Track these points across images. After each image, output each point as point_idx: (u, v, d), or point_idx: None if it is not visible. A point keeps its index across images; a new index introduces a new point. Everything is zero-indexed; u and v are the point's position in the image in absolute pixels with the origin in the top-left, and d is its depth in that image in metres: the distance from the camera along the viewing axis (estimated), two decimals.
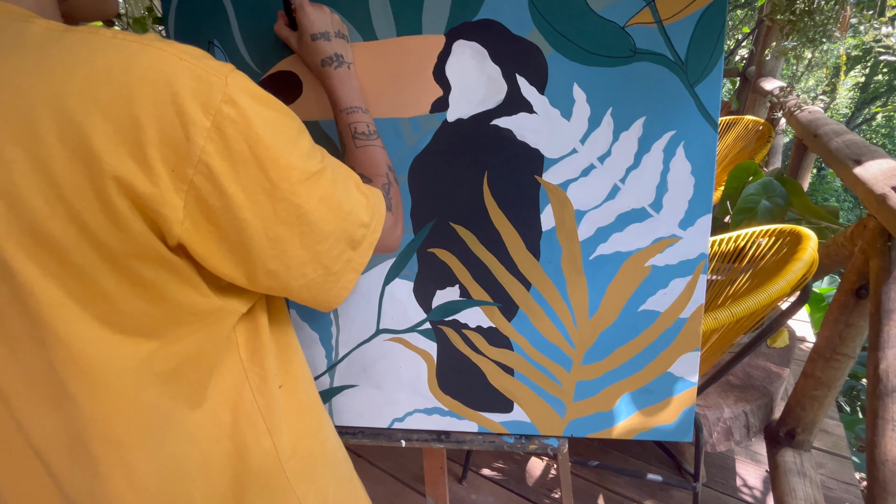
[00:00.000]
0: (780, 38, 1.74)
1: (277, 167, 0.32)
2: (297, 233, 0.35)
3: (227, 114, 0.29)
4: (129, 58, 0.27)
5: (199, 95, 0.28)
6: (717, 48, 0.56)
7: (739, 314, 0.70)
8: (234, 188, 0.30)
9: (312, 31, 0.55)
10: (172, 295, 0.32)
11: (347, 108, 0.56)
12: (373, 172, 0.52)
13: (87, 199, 0.27)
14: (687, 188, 0.61)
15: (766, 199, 1.18)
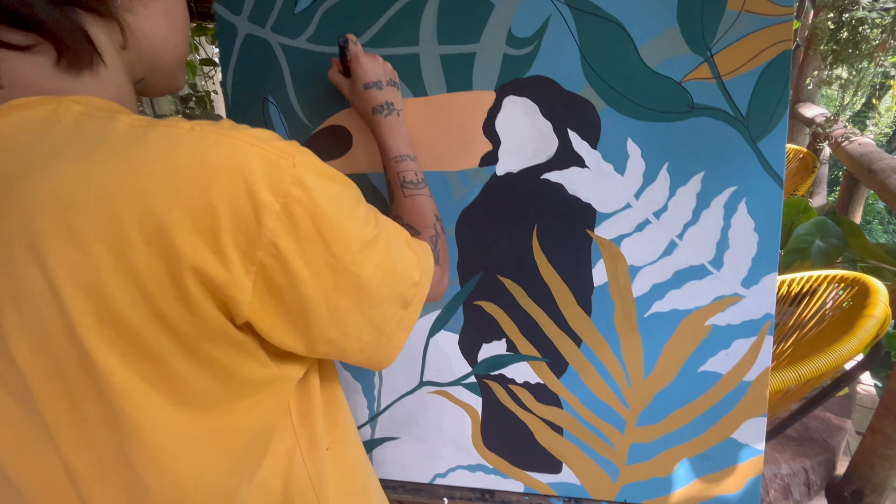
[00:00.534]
0: (822, 66, 1.69)
1: (339, 240, 0.32)
2: (355, 300, 0.34)
3: (295, 195, 0.29)
4: (206, 150, 0.28)
5: (270, 180, 0.28)
6: (782, 103, 0.54)
7: (807, 376, 0.65)
8: (300, 265, 0.31)
9: (365, 81, 0.57)
10: (237, 370, 0.32)
11: (396, 156, 0.56)
12: (420, 224, 0.52)
13: (165, 288, 0.27)
14: (750, 245, 0.58)
15: (820, 240, 1.12)
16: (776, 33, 0.53)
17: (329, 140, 0.68)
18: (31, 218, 0.26)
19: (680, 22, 0.55)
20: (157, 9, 0.37)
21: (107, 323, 0.27)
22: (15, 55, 0.31)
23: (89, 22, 0.33)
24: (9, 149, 0.28)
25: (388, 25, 0.63)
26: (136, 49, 0.36)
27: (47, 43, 0.31)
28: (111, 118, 0.29)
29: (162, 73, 0.40)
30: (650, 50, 0.56)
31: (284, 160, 0.29)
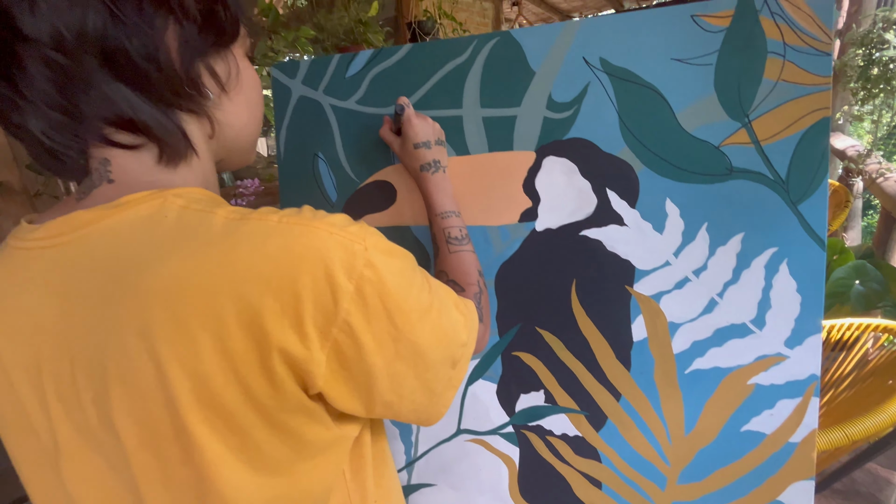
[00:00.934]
0: (853, 102, 1.68)
1: (402, 313, 0.34)
2: (412, 366, 0.36)
3: (367, 276, 0.32)
4: (292, 242, 0.31)
5: (345, 264, 0.31)
6: (822, 167, 0.55)
7: (855, 436, 0.64)
8: (367, 338, 0.33)
9: (416, 141, 0.61)
10: (306, 434, 0.35)
11: (442, 212, 0.59)
12: (464, 280, 0.54)
13: (254, 368, 0.30)
14: (793, 306, 0.58)
15: (859, 284, 1.10)
16: (814, 102, 0.55)
17: (375, 194, 0.71)
18: (143, 308, 0.29)
19: (717, 90, 0.57)
20: (240, 101, 0.41)
21: (204, 400, 0.30)
22: (124, 153, 0.35)
23: (186, 120, 0.37)
24: (124, 243, 0.32)
25: (434, 90, 0.67)
26: (221, 137, 0.41)
27: (151, 142, 0.35)
28: (210, 212, 0.32)
29: (239, 153, 0.45)
30: (688, 116, 0.58)
31: (358, 244, 0.32)
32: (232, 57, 0.39)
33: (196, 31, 0.34)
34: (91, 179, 0.35)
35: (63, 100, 0.31)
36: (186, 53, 0.34)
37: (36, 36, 0.29)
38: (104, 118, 0.33)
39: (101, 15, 0.30)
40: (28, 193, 1.45)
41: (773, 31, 0.55)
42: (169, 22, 0.33)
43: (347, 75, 0.70)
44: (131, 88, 0.33)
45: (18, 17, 0.29)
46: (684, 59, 0.58)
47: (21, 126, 0.33)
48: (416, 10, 2.65)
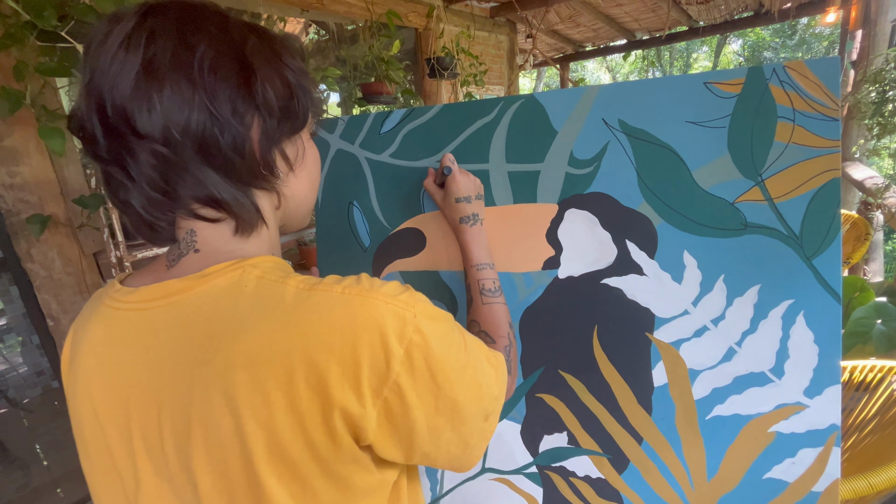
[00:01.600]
0: (869, 137, 1.69)
1: (443, 373, 0.38)
2: (450, 420, 0.40)
3: (415, 341, 0.36)
4: (354, 312, 0.35)
5: (397, 331, 0.35)
6: (834, 224, 0.58)
7: (879, 486, 0.64)
8: (412, 396, 0.36)
9: (458, 196, 0.65)
10: (355, 481, 0.38)
11: (478, 264, 0.63)
12: (496, 332, 0.57)
13: (318, 424, 0.34)
14: (811, 357, 0.60)
15: (881, 324, 1.09)
16: (824, 163, 0.58)
17: (406, 240, 0.76)
18: (227, 369, 0.34)
19: (731, 151, 0.61)
20: (303, 177, 0.46)
21: (274, 452, 0.34)
22: (207, 225, 0.40)
23: (258, 196, 0.42)
24: (211, 310, 0.36)
25: (462, 146, 0.72)
26: (286, 208, 0.46)
27: (230, 217, 0.40)
28: (282, 282, 0.37)
29: (299, 219, 0.50)
30: (703, 174, 0.62)
31: (408, 311, 0.36)
32: (300, 140, 0.44)
33: (276, 124, 0.40)
34: (179, 247, 0.41)
35: (163, 183, 0.37)
36: (265, 143, 0.39)
37: (150, 133, 0.35)
38: (194, 197, 0.38)
39: (202, 114, 0.35)
40: (73, 225, 1.54)
41: (782, 98, 0.59)
42: (255, 118, 0.38)
43: (382, 131, 0.76)
44: (218, 173, 0.38)
45: (137, 118, 0.34)
46: (699, 122, 0.62)
47: (126, 202, 0.38)
48: (434, 46, 2.77)
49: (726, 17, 4.14)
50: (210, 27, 0.37)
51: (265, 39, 0.40)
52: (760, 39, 10.97)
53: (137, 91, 0.34)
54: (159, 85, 0.34)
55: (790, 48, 10.61)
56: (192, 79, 0.35)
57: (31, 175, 1.46)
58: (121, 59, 0.34)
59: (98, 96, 0.35)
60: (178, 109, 0.35)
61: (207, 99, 0.35)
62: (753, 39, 11.10)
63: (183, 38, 0.35)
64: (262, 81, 0.38)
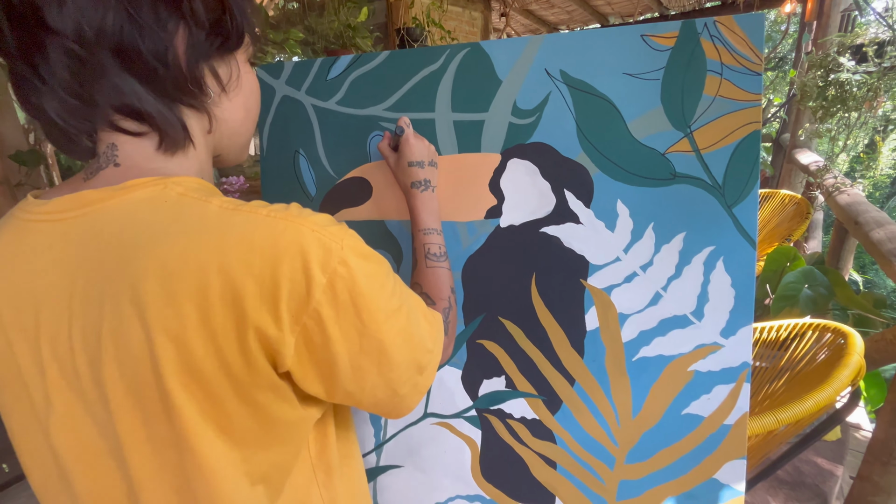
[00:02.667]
0: (814, 120, 1.78)
1: (369, 311, 0.38)
2: (376, 362, 0.40)
3: (340, 272, 0.36)
4: (277, 235, 0.34)
5: (321, 259, 0.35)
6: (753, 175, 0.62)
7: (785, 420, 0.70)
8: (334, 329, 0.36)
9: (411, 159, 0.64)
10: (273, 412, 0.38)
11: (425, 228, 0.62)
12: (437, 295, 0.57)
13: (232, 343, 0.34)
14: (728, 300, 0.64)
15: (807, 288, 1.17)
16: (747, 116, 0.61)
17: (351, 190, 0.76)
18: (139, 281, 0.33)
19: (663, 103, 0.63)
20: (238, 102, 0.45)
21: (185, 367, 0.34)
22: (129, 139, 0.39)
23: (186, 114, 0.41)
24: (127, 222, 0.35)
25: (408, 94, 0.72)
26: (218, 133, 0.44)
27: (153, 131, 0.39)
28: (205, 201, 0.36)
29: (234, 151, 0.48)
30: (637, 125, 0.64)
31: (335, 243, 0.36)
32: (235, 62, 0.43)
33: (203, 36, 0.38)
34: (98, 161, 0.39)
35: (78, 86, 0.35)
36: (192, 55, 0.38)
37: (60, 29, 0.33)
38: (113, 106, 0.36)
39: (119, 15, 0.33)
40: (10, 184, 1.45)
41: (712, 52, 0.61)
42: (179, 26, 0.36)
43: (329, 78, 0.75)
44: (139, 81, 0.36)
45: (47, 11, 0.32)
46: (635, 73, 0.64)
47: (39, 107, 0.36)
48: (405, 17, 2.71)
49: (695, 5, 4.23)
50: None
51: None
52: None
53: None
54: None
55: None
56: None
57: None
58: None
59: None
60: (92, 6, 0.33)
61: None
62: None
63: None
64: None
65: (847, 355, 0.76)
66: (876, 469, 0.97)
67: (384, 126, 0.74)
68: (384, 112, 0.74)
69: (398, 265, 0.76)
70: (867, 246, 1.17)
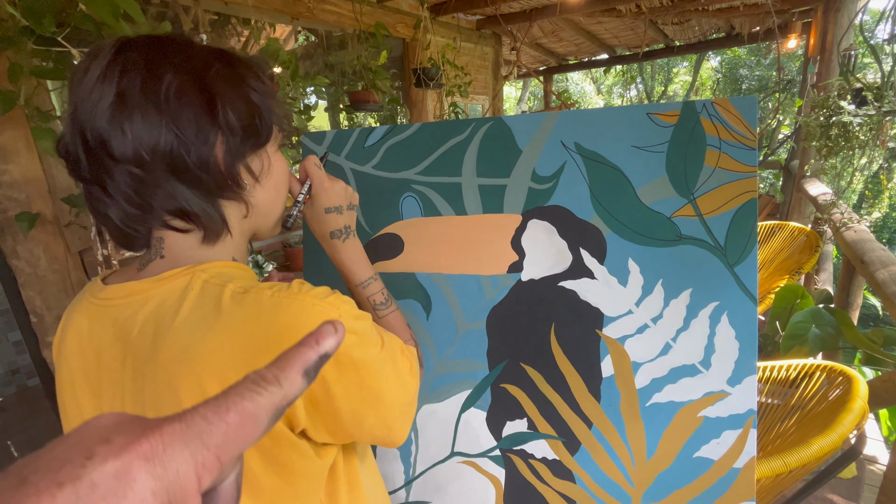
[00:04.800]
0: (819, 158, 1.84)
1: (366, 366, 0.42)
2: (373, 407, 0.44)
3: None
4: (281, 311, 0.39)
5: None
6: (752, 238, 0.68)
7: (792, 464, 0.74)
8: (337, 387, 0.41)
9: (328, 205, 0.58)
10: (296, 467, 0.42)
11: (361, 282, 0.61)
12: (400, 337, 0.60)
13: None
14: (732, 351, 0.69)
15: (815, 328, 1.21)
16: (744, 186, 0.68)
17: (385, 244, 0.84)
18: (170, 364, 0.39)
19: (668, 172, 0.71)
20: (269, 185, 0.50)
21: None
22: (175, 234, 0.45)
23: (225, 205, 0.46)
24: (161, 310, 0.41)
25: (438, 160, 0.80)
26: (253, 216, 0.50)
27: (198, 227, 0.45)
28: (222, 286, 0.41)
29: (268, 227, 0.54)
30: (645, 192, 0.72)
31: (334, 312, 0.41)
32: (265, 153, 0.49)
33: (238, 140, 0.44)
34: (149, 253, 0.46)
35: (138, 198, 0.41)
36: (229, 158, 0.44)
37: (124, 156, 0.39)
38: (165, 210, 0.42)
39: (169, 137, 0.40)
40: (59, 223, 1.57)
41: (710, 129, 0.69)
42: (218, 136, 0.42)
43: (366, 145, 0.84)
44: (188, 187, 0.42)
45: (113, 143, 0.39)
46: (642, 146, 0.71)
47: (106, 216, 0.43)
48: (421, 57, 2.86)
49: (700, 37, 4.36)
50: (175, 58, 0.41)
51: (229, 64, 0.44)
52: (737, 57, 11.42)
53: (112, 120, 0.38)
54: (130, 113, 0.38)
55: (765, 66, 11.07)
56: (159, 106, 0.39)
57: (20, 173, 1.49)
58: (98, 91, 0.38)
59: (80, 125, 0.39)
60: (147, 134, 0.39)
61: (173, 123, 0.39)
62: (731, 56, 11.55)
63: (150, 69, 0.39)
64: (224, 104, 0.42)
65: (851, 401, 0.80)
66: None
67: (415, 188, 0.82)
68: (416, 175, 0.82)
69: (427, 314, 0.83)
70: (872, 285, 1.21)
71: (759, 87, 11.20)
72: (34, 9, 1.15)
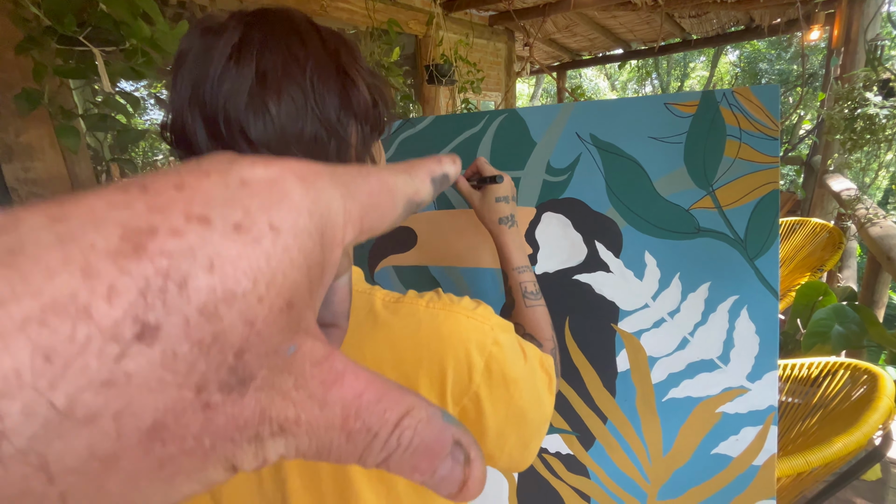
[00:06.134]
0: (842, 151, 1.79)
1: (515, 383, 0.40)
2: (515, 426, 0.42)
3: (494, 353, 0.39)
4: (439, 326, 0.38)
5: (479, 342, 0.38)
6: (773, 230, 0.66)
7: (815, 463, 0.72)
8: (488, 404, 0.39)
9: (498, 195, 0.64)
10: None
11: (518, 266, 0.62)
12: (541, 335, 0.58)
13: None
14: (752, 346, 0.68)
15: (838, 325, 1.18)
16: (765, 176, 0.66)
17: (399, 238, 0.84)
18: None
19: (686, 164, 0.69)
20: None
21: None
22: None
23: None
24: None
25: (451, 153, 0.80)
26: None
27: None
28: (370, 294, 0.40)
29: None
30: (663, 183, 0.70)
31: (486, 324, 0.39)
32: (378, 144, 0.47)
33: (369, 130, 0.42)
34: None
35: None
36: (361, 149, 0.41)
37: (263, 141, 0.36)
38: None
39: (315, 124, 0.37)
40: None
41: (730, 119, 0.67)
42: (352, 124, 0.40)
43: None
44: None
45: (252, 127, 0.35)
46: (659, 137, 0.70)
47: None
48: (433, 53, 2.85)
49: (718, 30, 4.27)
50: (311, 39, 0.38)
51: (349, 48, 0.41)
52: (756, 51, 11.15)
53: (252, 102, 0.35)
54: (275, 97, 0.35)
55: (785, 60, 10.79)
56: (304, 89, 0.36)
57: (45, 170, 1.53)
58: (233, 71, 0.35)
59: (206, 108, 0.35)
60: (292, 119, 0.36)
61: (318, 108, 0.37)
62: (750, 51, 11.28)
63: (291, 50, 0.36)
64: (358, 89, 0.40)
65: (876, 399, 0.77)
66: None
67: None
68: None
69: None
70: None
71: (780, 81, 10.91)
72: (55, 9, 1.18)
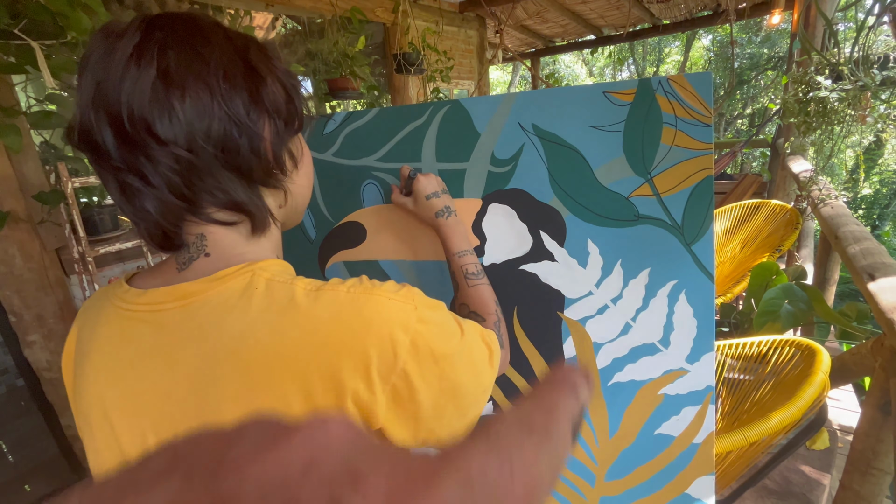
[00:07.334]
0: (798, 134, 1.83)
1: (445, 357, 0.40)
2: (451, 398, 0.42)
3: (419, 330, 0.39)
4: (360, 309, 0.37)
5: (402, 321, 0.38)
6: (708, 216, 0.68)
7: (752, 438, 0.75)
8: (419, 380, 0.39)
9: (426, 193, 0.69)
10: None
11: (458, 252, 0.66)
12: (484, 311, 0.60)
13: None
14: (691, 329, 0.70)
15: (788, 304, 1.22)
16: (700, 163, 0.67)
17: (347, 233, 0.83)
18: (243, 368, 0.35)
19: (625, 152, 0.70)
20: (304, 172, 0.48)
21: None
22: (219, 228, 0.41)
23: (265, 194, 0.44)
24: (224, 311, 0.38)
25: (397, 146, 0.79)
26: (288, 205, 0.48)
27: (246, 218, 0.42)
28: (291, 284, 0.39)
29: (298, 215, 0.52)
30: (603, 172, 0.71)
31: (409, 304, 0.39)
32: (298, 138, 0.47)
33: (284, 125, 0.42)
34: (189, 251, 0.41)
35: (185, 187, 0.38)
36: (277, 143, 0.42)
37: (171, 139, 0.36)
38: (213, 201, 0.39)
39: (223, 121, 0.37)
40: (33, 221, 1.55)
41: (666, 107, 0.68)
42: (265, 120, 0.40)
43: (325, 132, 0.83)
44: (235, 175, 0.39)
45: (158, 125, 0.35)
46: (599, 126, 0.71)
47: (142, 209, 0.38)
48: (401, 42, 2.81)
49: (686, 15, 4.30)
50: (215, 37, 0.38)
51: (259, 46, 0.41)
52: (728, 35, 11.31)
53: (156, 100, 0.35)
54: (179, 93, 0.35)
55: (756, 44, 10.98)
56: (210, 87, 0.36)
57: None
58: (133, 70, 0.35)
59: (110, 107, 0.35)
60: (198, 116, 0.36)
61: (226, 105, 0.37)
62: (722, 35, 11.43)
63: (194, 48, 0.37)
64: (269, 86, 0.40)
65: (812, 374, 0.81)
66: (855, 478, 1.01)
67: (376, 175, 0.81)
68: (375, 162, 0.81)
69: None
70: (845, 260, 1.22)
71: (752, 65, 11.12)
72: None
